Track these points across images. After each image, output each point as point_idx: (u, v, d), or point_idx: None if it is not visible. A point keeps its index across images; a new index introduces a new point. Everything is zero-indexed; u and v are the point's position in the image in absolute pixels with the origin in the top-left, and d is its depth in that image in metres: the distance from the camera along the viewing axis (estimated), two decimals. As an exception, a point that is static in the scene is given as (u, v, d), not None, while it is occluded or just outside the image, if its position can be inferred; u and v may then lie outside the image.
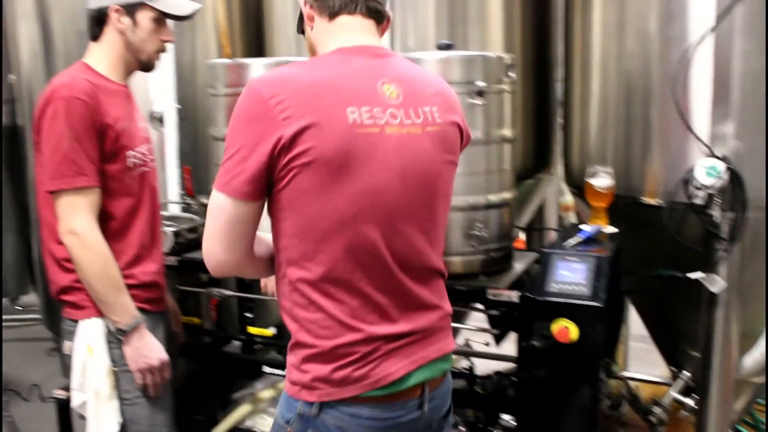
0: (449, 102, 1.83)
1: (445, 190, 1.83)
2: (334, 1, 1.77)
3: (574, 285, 2.45)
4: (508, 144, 2.70)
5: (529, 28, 3.40)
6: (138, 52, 2.42)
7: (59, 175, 2.24)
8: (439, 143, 1.77)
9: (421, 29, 3.19)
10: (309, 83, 1.64)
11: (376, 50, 1.78)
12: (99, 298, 2.32)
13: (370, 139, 1.66)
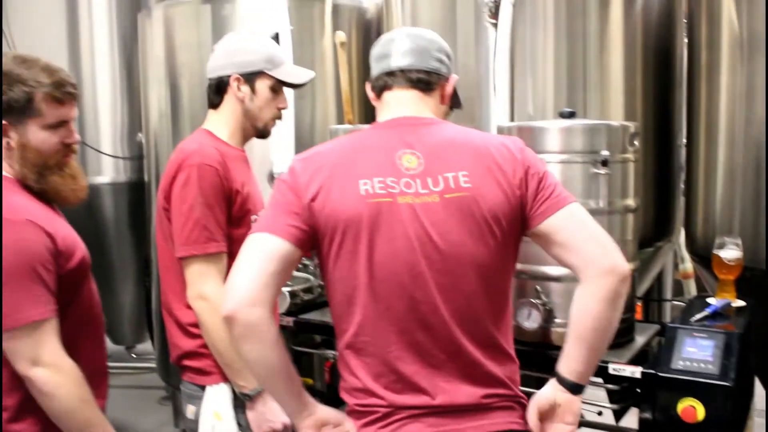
0: (490, 165, 1.80)
1: (479, 259, 1.78)
2: (379, 81, 1.94)
3: (702, 362, 2.34)
4: (631, 214, 2.63)
5: (651, 93, 3.33)
6: (255, 120, 2.45)
7: (191, 241, 2.26)
8: (465, 209, 1.76)
9: (540, 96, 3.18)
10: (331, 160, 1.82)
11: (410, 120, 1.87)
12: (226, 363, 2.30)
13: (381, 209, 1.75)
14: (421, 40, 1.95)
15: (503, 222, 1.80)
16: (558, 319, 2.56)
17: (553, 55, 3.20)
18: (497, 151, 1.83)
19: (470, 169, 1.79)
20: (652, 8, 3.32)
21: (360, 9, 4.09)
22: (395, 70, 1.91)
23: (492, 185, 1.79)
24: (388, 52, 1.93)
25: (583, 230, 1.81)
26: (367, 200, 1.76)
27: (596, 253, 1.79)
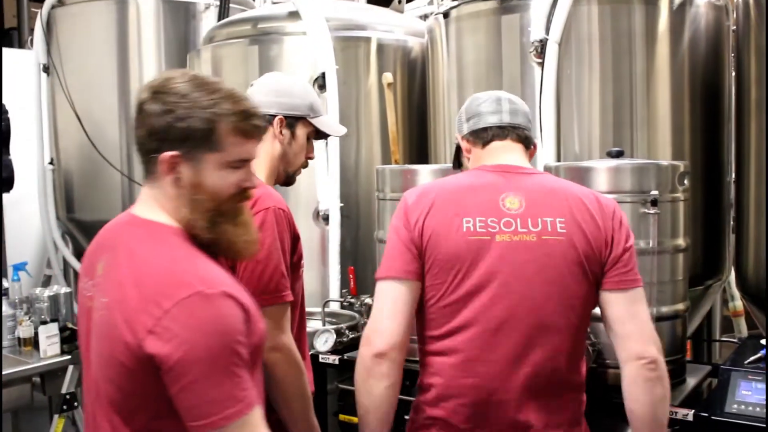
0: (591, 217, 1.96)
1: (568, 299, 1.94)
2: (488, 133, 2.10)
3: (757, 406, 2.31)
4: (681, 254, 2.61)
5: (699, 130, 3.31)
6: (289, 164, 2.35)
7: (271, 290, 2.07)
8: (561, 252, 1.92)
9: (586, 134, 3.18)
10: (442, 197, 2.01)
11: (514, 168, 2.05)
12: (297, 417, 2.14)
13: (479, 245, 1.93)
14: (522, 105, 2.18)
15: (589, 269, 1.96)
16: (608, 360, 2.53)
17: (599, 94, 3.19)
18: (595, 206, 1.99)
19: (566, 217, 1.96)
20: (699, 44, 3.31)
21: (405, 48, 4.13)
22: (507, 126, 2.11)
23: (583, 235, 1.95)
24: (501, 108, 2.12)
25: (631, 317, 1.97)
26: (467, 237, 1.95)
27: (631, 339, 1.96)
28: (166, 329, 1.43)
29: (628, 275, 1.98)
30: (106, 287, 1.57)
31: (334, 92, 3.77)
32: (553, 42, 3.09)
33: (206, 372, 1.43)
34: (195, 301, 1.45)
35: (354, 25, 4.09)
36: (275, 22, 4.09)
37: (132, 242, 1.60)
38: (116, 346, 1.49)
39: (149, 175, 1.62)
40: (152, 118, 1.56)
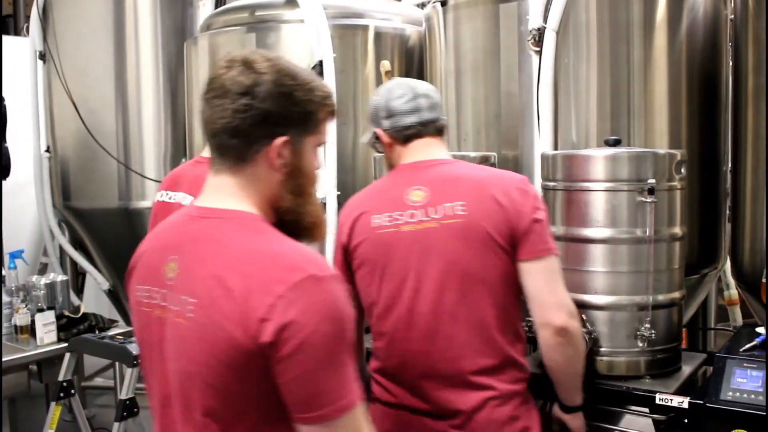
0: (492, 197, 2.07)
1: (478, 274, 2.07)
2: (410, 131, 2.22)
3: (752, 393, 2.31)
4: (678, 242, 2.61)
5: (696, 118, 3.31)
6: None
7: None
8: (461, 232, 2.06)
9: (584, 123, 3.18)
10: (359, 199, 2.28)
11: (424, 163, 2.20)
12: None
13: (388, 237, 2.12)
14: (435, 96, 2.29)
15: (496, 245, 2.07)
16: (604, 347, 2.55)
17: (596, 83, 3.19)
18: (499, 186, 2.10)
19: (468, 200, 2.08)
20: (696, 33, 3.30)
21: (402, 36, 4.13)
22: (427, 122, 2.24)
23: (485, 214, 2.07)
24: (419, 107, 2.23)
25: (542, 285, 2.10)
26: (377, 232, 2.15)
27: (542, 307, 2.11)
28: (282, 314, 1.33)
29: (537, 245, 2.08)
30: (192, 288, 1.43)
31: (331, 80, 3.76)
32: (550, 30, 3.09)
33: (322, 359, 1.34)
34: (309, 284, 1.36)
35: (351, 13, 4.09)
36: (273, 10, 4.08)
37: (218, 235, 1.46)
38: (217, 346, 1.37)
39: (237, 163, 1.49)
40: (267, 102, 1.45)
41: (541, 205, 2.13)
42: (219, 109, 1.46)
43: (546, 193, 2.72)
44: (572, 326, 2.13)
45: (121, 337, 3.60)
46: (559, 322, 2.10)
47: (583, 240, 2.56)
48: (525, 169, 3.21)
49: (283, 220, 1.53)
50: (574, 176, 2.57)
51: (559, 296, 2.12)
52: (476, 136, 3.37)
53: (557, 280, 2.12)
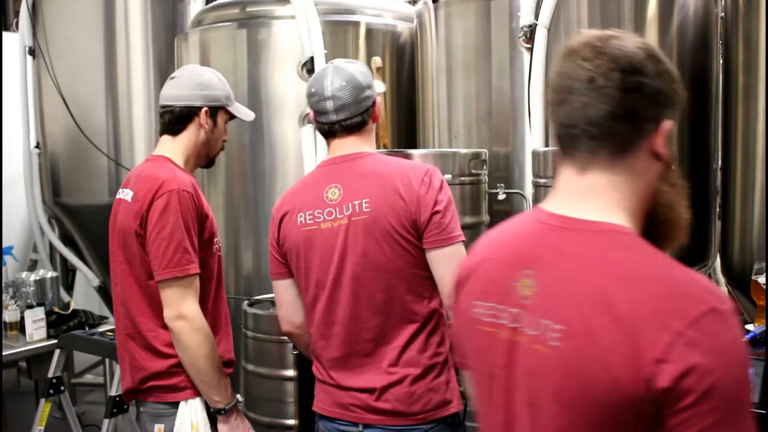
0: (394, 191, 2.15)
1: (387, 265, 2.17)
2: (325, 130, 2.30)
3: (741, 389, 2.32)
4: (667, 239, 2.62)
5: (687, 116, 3.33)
6: (211, 149, 2.62)
7: (174, 263, 2.36)
8: (367, 228, 2.16)
9: (575, 119, 3.18)
10: (287, 197, 2.33)
11: (340, 158, 2.27)
12: (204, 379, 2.43)
13: (310, 234, 2.23)
14: (349, 91, 2.25)
15: (399, 238, 2.15)
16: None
17: (587, 79, 3.20)
18: (401, 179, 2.17)
19: (372, 197, 2.17)
20: (687, 31, 3.32)
21: (394, 32, 4.13)
22: (335, 123, 2.26)
23: (389, 208, 2.15)
24: (325, 109, 2.25)
25: (449, 271, 2.08)
26: (301, 229, 2.25)
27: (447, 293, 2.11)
28: (684, 355, 1.10)
29: (442, 234, 2.15)
30: (558, 311, 1.21)
31: (323, 76, 3.75)
32: (542, 27, 3.09)
33: (733, 411, 1.10)
34: (714, 319, 1.12)
35: (343, 9, 4.08)
36: (264, 6, 4.08)
37: (590, 252, 1.24)
38: (595, 384, 1.15)
39: (617, 154, 1.25)
40: (659, 80, 1.24)
41: (445, 195, 2.19)
42: (598, 94, 1.22)
43: (537, 190, 2.73)
44: None
45: (111, 334, 3.58)
46: None
47: (574, 236, 2.56)
48: (516, 165, 3.22)
49: (656, 221, 1.31)
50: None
51: None
52: (467, 133, 3.37)
53: None
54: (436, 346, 2.25)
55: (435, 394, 2.23)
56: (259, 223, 4.06)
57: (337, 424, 2.30)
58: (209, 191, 4.22)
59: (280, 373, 3.43)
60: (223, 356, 2.53)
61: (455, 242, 2.17)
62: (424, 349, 2.23)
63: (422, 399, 2.22)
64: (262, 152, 4.04)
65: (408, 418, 2.21)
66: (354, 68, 2.30)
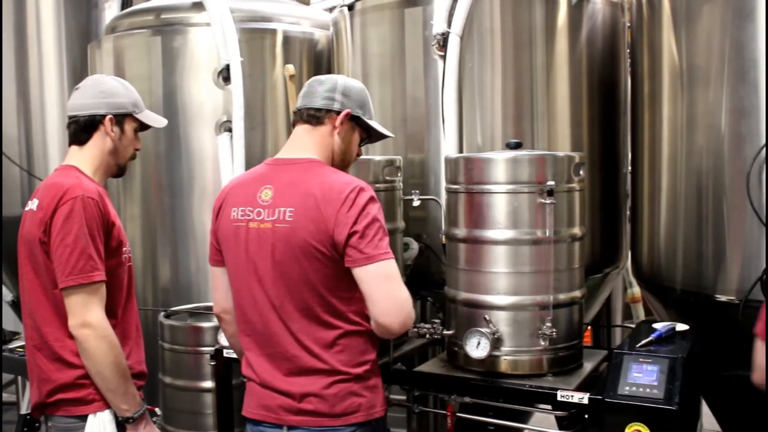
0: (315, 206, 2.20)
1: (302, 276, 2.22)
2: (294, 117, 2.43)
3: (647, 387, 2.39)
4: (578, 242, 2.68)
5: (597, 122, 3.42)
6: (120, 158, 2.60)
7: (77, 270, 2.34)
8: (287, 238, 2.22)
9: (489, 126, 3.23)
10: (228, 188, 2.43)
11: (282, 160, 2.36)
12: (111, 388, 2.41)
13: (238, 230, 2.30)
14: (319, 84, 2.40)
15: (315, 252, 2.20)
16: (506, 347, 2.59)
17: (501, 87, 3.26)
18: (324, 195, 2.21)
19: (297, 207, 2.23)
20: (596, 40, 3.41)
21: (311, 40, 4.12)
22: (296, 110, 2.42)
23: (308, 221, 2.20)
24: (303, 92, 2.42)
25: (372, 291, 2.18)
26: (233, 224, 2.32)
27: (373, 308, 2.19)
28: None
29: (363, 253, 2.17)
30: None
31: (239, 84, 3.73)
32: (455, 35, 3.13)
33: None
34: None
35: (259, 17, 4.06)
36: (179, 13, 4.03)
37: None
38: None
39: None
40: None
41: (368, 214, 2.18)
42: None
43: (449, 196, 2.75)
44: (402, 324, 2.20)
45: (22, 350, 3.48)
46: (385, 322, 2.19)
47: (486, 242, 2.60)
48: (431, 172, 3.25)
49: None
50: (476, 179, 2.62)
51: (386, 298, 2.18)
52: (383, 140, 3.38)
53: (385, 283, 2.19)
54: (360, 353, 2.28)
55: (359, 397, 2.26)
56: (176, 234, 4.01)
57: (263, 427, 2.32)
58: (125, 201, 4.14)
59: (198, 384, 3.39)
60: (134, 368, 2.52)
61: (378, 260, 2.17)
62: (347, 355, 2.26)
63: (345, 401, 2.25)
64: (178, 161, 3.99)
65: (331, 419, 2.24)
66: (342, 77, 2.48)
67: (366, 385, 2.30)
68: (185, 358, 3.41)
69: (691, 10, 2.96)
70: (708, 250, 2.92)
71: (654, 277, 3.21)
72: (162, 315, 3.59)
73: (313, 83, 2.41)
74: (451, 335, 2.75)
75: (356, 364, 2.28)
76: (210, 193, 3.95)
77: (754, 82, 2.76)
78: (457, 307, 2.72)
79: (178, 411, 3.49)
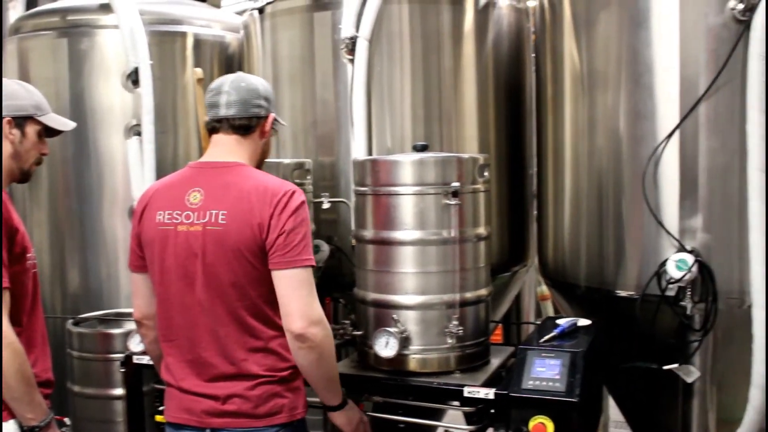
0: (250, 208, 2.22)
1: (231, 279, 2.24)
2: (210, 125, 2.41)
3: (550, 381, 2.47)
4: (483, 242, 2.75)
5: (503, 125, 3.50)
6: (22, 162, 2.53)
7: None
8: (219, 240, 2.23)
9: (398, 128, 3.28)
10: (151, 191, 2.41)
11: (210, 164, 2.36)
12: (15, 396, 2.35)
13: (165, 234, 2.29)
14: (244, 91, 2.38)
15: (248, 254, 2.23)
16: (414, 346, 2.64)
17: (410, 90, 3.31)
18: (260, 197, 2.24)
19: (229, 210, 2.24)
20: (502, 44, 3.50)
21: (222, 44, 4.11)
22: (222, 119, 2.36)
23: (241, 223, 2.22)
24: (217, 102, 2.37)
25: (288, 294, 2.24)
26: (159, 227, 2.31)
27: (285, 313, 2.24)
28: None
29: (286, 257, 2.22)
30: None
31: (148, 87, 3.69)
32: (363, 39, 3.16)
33: None
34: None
35: (169, 20, 4.02)
36: (86, 15, 3.96)
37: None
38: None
39: None
40: None
41: (298, 218, 2.24)
42: None
43: (358, 198, 2.79)
44: (311, 333, 2.23)
45: None
46: (297, 329, 2.23)
47: (393, 243, 2.65)
48: (342, 174, 3.28)
49: None
50: (383, 181, 2.66)
51: (301, 304, 2.23)
52: (294, 143, 3.41)
53: (302, 289, 2.24)
54: (283, 356, 2.31)
55: (281, 398, 2.31)
56: (85, 240, 3.93)
57: (186, 431, 2.34)
58: (31, 207, 4.04)
59: (108, 392, 3.35)
60: (41, 376, 2.47)
61: (300, 266, 2.22)
62: (271, 360, 2.30)
63: (269, 402, 2.29)
64: (87, 166, 3.92)
65: (255, 420, 2.27)
66: (258, 80, 2.47)
67: (289, 387, 2.34)
68: (94, 365, 3.37)
69: (590, 16, 3.07)
70: (609, 248, 3.03)
71: (559, 274, 3.31)
72: (70, 322, 3.52)
73: (239, 90, 2.37)
74: (361, 335, 2.79)
75: (280, 368, 2.31)
76: (120, 197, 3.90)
77: (649, 87, 2.88)
78: (367, 307, 2.76)
79: (89, 420, 3.44)
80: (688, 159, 2.81)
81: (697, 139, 2.80)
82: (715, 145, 2.79)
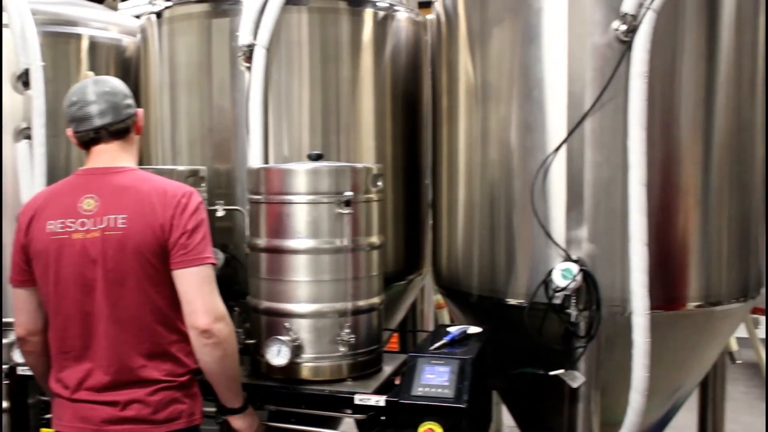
0: (152, 210, 2.26)
1: (133, 282, 2.25)
2: (86, 137, 2.38)
3: (439, 387, 2.52)
4: (376, 251, 2.79)
5: (400, 135, 3.56)
6: None
7: None
8: (119, 244, 2.24)
9: (296, 137, 3.29)
10: (37, 201, 2.39)
11: (101, 170, 2.35)
12: None
13: (60, 243, 2.27)
14: (111, 96, 2.39)
15: (150, 257, 2.25)
16: (307, 354, 2.65)
17: (308, 99, 3.32)
18: (160, 199, 2.27)
19: (129, 213, 2.25)
20: (400, 55, 3.55)
21: (119, 47, 4.02)
22: (99, 128, 2.36)
23: (143, 226, 2.24)
24: (89, 114, 2.36)
25: (191, 292, 2.27)
26: (50, 237, 2.28)
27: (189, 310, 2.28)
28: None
29: (188, 255, 2.26)
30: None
31: (40, 90, 3.57)
32: (261, 47, 3.16)
33: None
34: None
35: (64, 21, 3.90)
36: (-27, 12, 3.80)
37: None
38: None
39: None
40: None
41: (197, 218, 2.30)
42: None
43: (252, 206, 2.79)
44: (217, 329, 2.28)
45: None
46: (203, 324, 2.26)
47: (287, 251, 2.66)
48: (238, 182, 3.26)
49: None
50: (277, 189, 2.67)
51: (205, 301, 2.28)
52: (190, 150, 3.37)
53: (206, 286, 2.29)
54: (183, 361, 2.34)
55: (180, 404, 2.32)
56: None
57: None
58: None
59: (-10, 404, 3.22)
60: None
61: (202, 263, 2.27)
62: (171, 365, 2.32)
63: (168, 408, 2.29)
64: (-27, 169, 3.76)
65: (154, 425, 2.28)
66: (114, 80, 2.46)
67: (188, 393, 2.36)
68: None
69: (484, 31, 3.16)
70: (500, 257, 3.12)
71: (452, 283, 3.38)
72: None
73: (106, 96, 2.38)
74: (254, 344, 2.78)
75: (179, 373, 2.33)
76: (9, 204, 3.76)
77: (539, 100, 2.98)
78: (260, 316, 2.76)
79: (-30, 433, 3.30)
80: (575, 172, 2.92)
81: (582, 153, 2.91)
82: (600, 159, 2.91)
